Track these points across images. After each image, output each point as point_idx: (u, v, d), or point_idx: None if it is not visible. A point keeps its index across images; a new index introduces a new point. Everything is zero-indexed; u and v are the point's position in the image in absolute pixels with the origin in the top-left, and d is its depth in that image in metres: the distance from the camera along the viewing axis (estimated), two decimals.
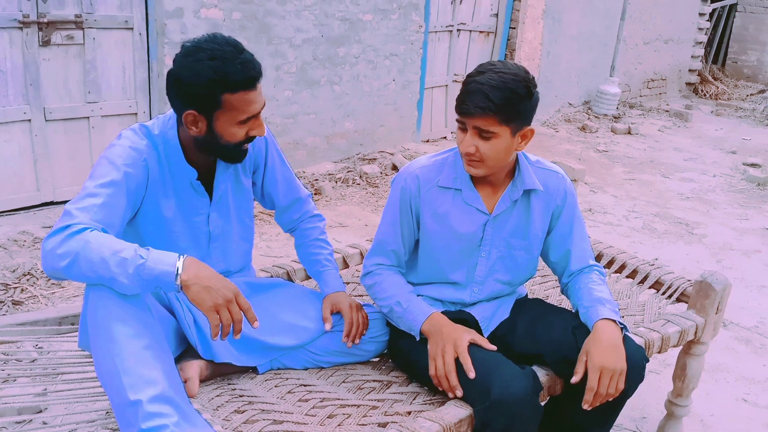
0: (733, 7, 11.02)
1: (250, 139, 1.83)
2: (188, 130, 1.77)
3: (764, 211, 5.34)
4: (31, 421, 2.10)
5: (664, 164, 6.55)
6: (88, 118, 4.11)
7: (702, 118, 8.91)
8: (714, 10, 10.64)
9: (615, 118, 8.14)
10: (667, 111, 8.89)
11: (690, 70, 10.29)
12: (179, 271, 1.53)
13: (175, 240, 1.91)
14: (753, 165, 6.60)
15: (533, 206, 2.00)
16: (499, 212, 1.98)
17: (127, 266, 1.50)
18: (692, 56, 10.17)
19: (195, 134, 1.77)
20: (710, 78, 10.61)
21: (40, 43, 3.80)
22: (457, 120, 1.86)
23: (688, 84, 10.37)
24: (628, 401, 2.70)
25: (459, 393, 1.78)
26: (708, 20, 10.19)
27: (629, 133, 7.60)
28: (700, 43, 10.17)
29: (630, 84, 9.15)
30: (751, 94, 10.26)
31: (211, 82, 1.68)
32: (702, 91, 10.36)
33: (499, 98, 1.75)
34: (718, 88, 10.37)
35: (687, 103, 9.66)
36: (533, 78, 1.84)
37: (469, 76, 1.82)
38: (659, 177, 6.11)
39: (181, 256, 1.56)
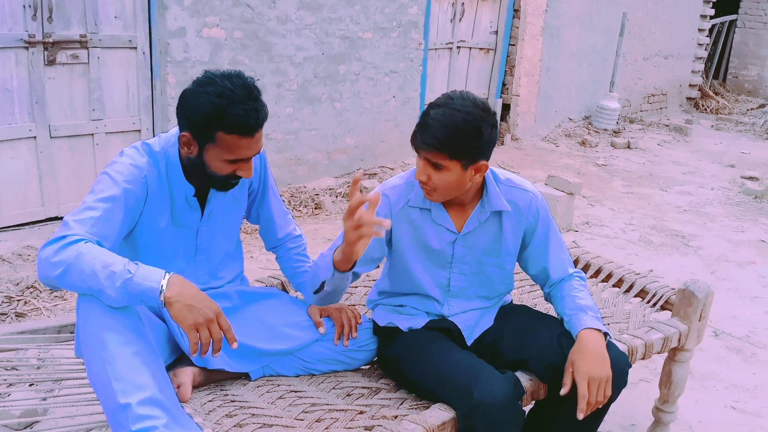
0: (732, 23, 11.10)
1: (236, 177, 1.88)
2: (181, 148, 1.85)
3: (760, 223, 5.38)
4: (32, 426, 2.16)
5: (663, 178, 6.61)
6: (93, 135, 4.21)
7: (702, 132, 8.96)
8: (714, 25, 10.72)
9: (615, 132, 8.20)
10: (667, 126, 8.95)
11: (690, 85, 10.35)
12: (163, 288, 1.59)
13: (166, 251, 1.98)
14: (751, 178, 6.65)
15: (504, 225, 2.05)
16: (467, 231, 2.03)
17: (115, 280, 1.57)
18: (692, 71, 10.24)
19: (186, 154, 1.85)
20: (711, 93, 10.68)
21: (46, 63, 3.91)
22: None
23: (689, 99, 10.43)
24: (618, 409, 2.76)
25: None
26: (708, 36, 10.26)
27: (629, 147, 7.66)
28: (700, 58, 10.24)
29: (630, 99, 9.22)
30: (751, 109, 10.31)
31: (209, 116, 1.74)
32: (703, 105, 10.42)
33: (445, 137, 1.80)
34: (718, 102, 10.43)
35: (687, 117, 9.72)
36: (492, 115, 1.85)
37: (429, 105, 1.87)
38: (657, 190, 6.16)
39: (167, 274, 1.61)
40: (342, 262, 1.86)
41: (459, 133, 1.80)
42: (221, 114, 1.72)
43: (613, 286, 2.66)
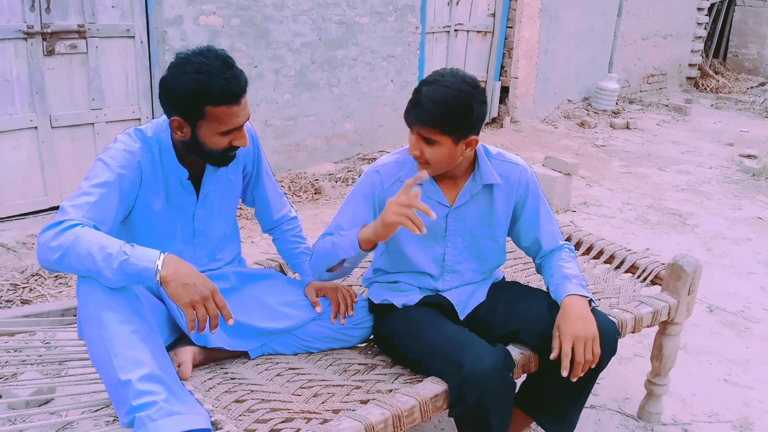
0: (732, 2, 11.06)
1: (233, 148, 1.93)
2: (174, 133, 1.89)
3: (757, 201, 5.42)
4: (40, 405, 2.22)
5: (661, 157, 6.63)
6: (93, 124, 4.26)
7: (701, 111, 8.97)
8: (713, 4, 10.69)
9: (614, 113, 8.22)
10: (667, 105, 8.95)
11: (690, 65, 10.34)
12: (159, 268, 1.64)
13: (163, 234, 2.03)
14: (749, 156, 6.67)
15: (495, 198, 2.11)
16: (459, 204, 2.09)
17: (112, 261, 1.62)
18: (692, 51, 10.22)
19: (180, 138, 1.90)
20: (711, 72, 10.66)
21: (45, 53, 3.95)
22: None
23: (689, 78, 10.42)
24: (612, 383, 2.81)
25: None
26: (707, 15, 10.23)
27: (627, 127, 7.68)
28: (700, 37, 10.22)
29: (629, 80, 9.22)
30: (752, 87, 10.31)
31: (194, 94, 1.78)
32: (703, 85, 10.41)
33: (436, 113, 1.85)
34: (718, 81, 10.42)
35: (687, 97, 9.72)
36: (481, 92, 1.91)
37: (421, 82, 1.93)
38: (655, 170, 6.19)
39: (162, 254, 1.67)
40: (368, 241, 1.92)
41: (450, 109, 1.86)
42: (205, 89, 1.77)
43: (605, 262, 2.71)
